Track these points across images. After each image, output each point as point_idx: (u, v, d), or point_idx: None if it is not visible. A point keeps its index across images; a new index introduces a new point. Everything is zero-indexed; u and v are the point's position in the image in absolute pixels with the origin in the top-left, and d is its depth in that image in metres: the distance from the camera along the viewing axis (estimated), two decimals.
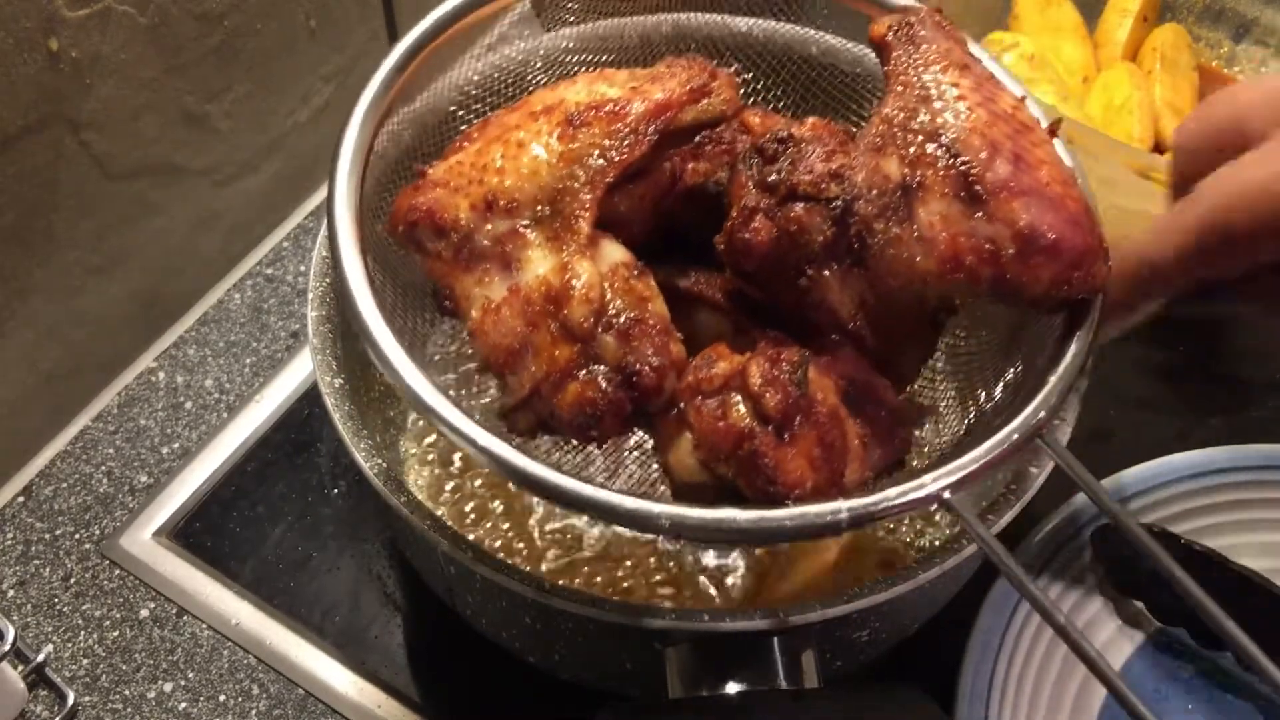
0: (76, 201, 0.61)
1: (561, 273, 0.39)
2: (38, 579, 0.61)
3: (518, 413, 0.41)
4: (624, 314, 0.39)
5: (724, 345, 0.40)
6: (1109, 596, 0.57)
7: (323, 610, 0.60)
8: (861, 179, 0.39)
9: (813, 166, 0.40)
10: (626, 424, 0.40)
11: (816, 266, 0.40)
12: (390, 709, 0.57)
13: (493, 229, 0.41)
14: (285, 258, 0.75)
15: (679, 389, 0.39)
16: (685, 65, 0.44)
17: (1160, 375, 0.72)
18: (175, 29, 0.62)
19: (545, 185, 0.41)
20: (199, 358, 0.70)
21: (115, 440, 0.66)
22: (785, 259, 0.40)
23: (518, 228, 0.41)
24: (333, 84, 0.75)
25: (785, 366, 0.38)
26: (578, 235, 0.40)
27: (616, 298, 0.39)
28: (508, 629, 0.49)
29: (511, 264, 0.40)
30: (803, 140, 0.41)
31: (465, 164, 0.42)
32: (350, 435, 0.46)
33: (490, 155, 0.42)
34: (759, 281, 0.42)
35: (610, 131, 0.41)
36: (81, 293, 0.64)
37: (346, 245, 0.41)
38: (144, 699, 0.57)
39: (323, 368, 0.48)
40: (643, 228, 0.45)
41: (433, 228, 0.42)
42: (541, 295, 0.39)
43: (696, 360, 0.40)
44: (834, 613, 0.41)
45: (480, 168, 0.42)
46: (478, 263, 0.41)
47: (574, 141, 0.41)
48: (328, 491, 0.64)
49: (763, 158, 0.41)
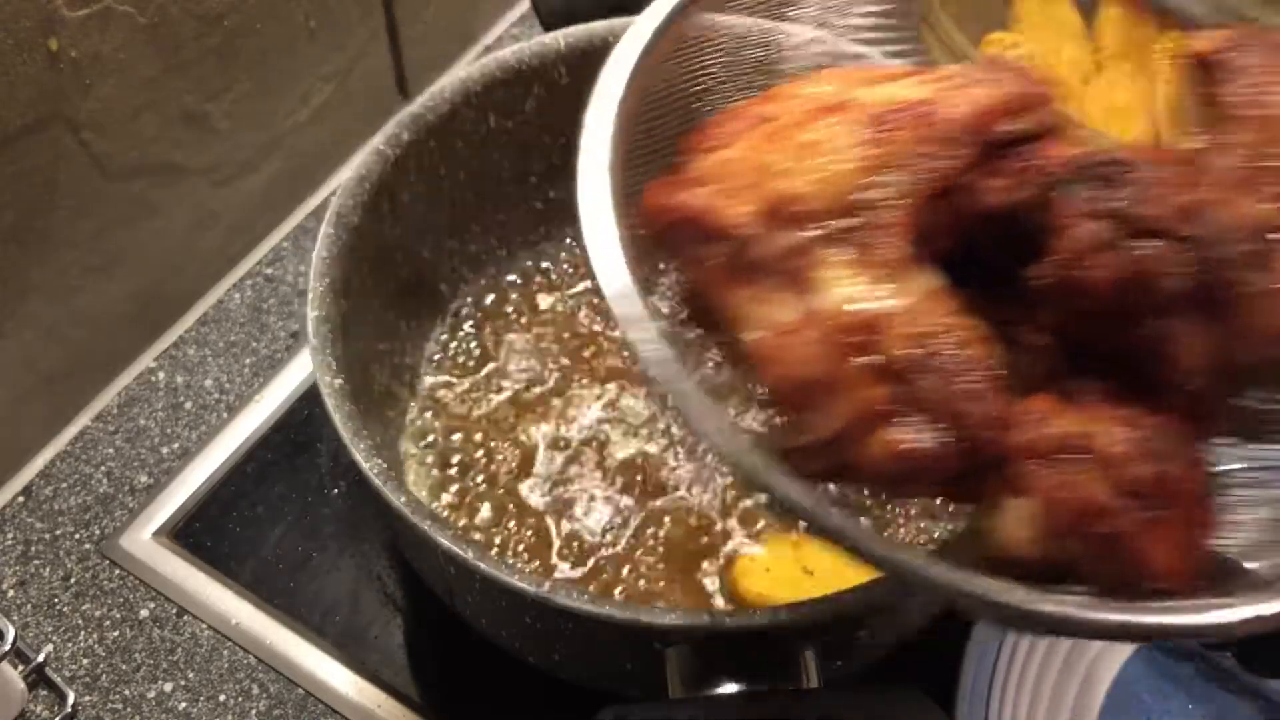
0: (76, 201, 0.61)
1: (871, 299, 0.34)
2: (38, 579, 0.61)
3: (812, 455, 0.35)
4: (946, 352, 0.33)
5: (1050, 397, 0.35)
6: None
7: (323, 610, 0.60)
8: (1223, 218, 0.34)
9: (1164, 198, 0.34)
10: (948, 483, 0.34)
11: (1164, 314, 0.34)
12: (390, 709, 0.57)
13: (778, 240, 0.35)
14: (285, 258, 0.75)
15: (1011, 447, 0.33)
16: (1005, 70, 0.38)
17: None
18: (175, 29, 0.62)
19: (845, 195, 0.35)
20: (199, 358, 0.70)
21: (115, 440, 0.66)
22: (1128, 302, 0.34)
23: (811, 241, 0.35)
24: (332, 84, 0.75)
25: (1150, 432, 0.32)
26: (889, 256, 0.34)
27: (937, 333, 0.34)
28: (508, 629, 0.49)
29: (804, 283, 0.35)
30: (1140, 165, 0.35)
31: (737, 161, 0.37)
32: (350, 435, 0.46)
33: (769, 154, 0.36)
34: (1087, 324, 0.35)
35: (924, 138, 0.36)
36: (81, 292, 0.64)
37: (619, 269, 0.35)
38: (144, 699, 0.57)
39: (322, 368, 0.48)
40: (940, 251, 0.37)
41: (700, 231, 0.36)
42: (849, 324, 0.34)
43: (1023, 413, 0.34)
44: (833, 611, 0.41)
45: (758, 168, 0.36)
46: (757, 276, 0.35)
47: (882, 146, 0.35)
48: (327, 492, 0.64)
49: (1098, 183, 0.35)
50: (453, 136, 0.57)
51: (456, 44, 0.87)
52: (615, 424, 0.60)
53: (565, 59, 0.58)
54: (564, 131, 0.62)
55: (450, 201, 0.60)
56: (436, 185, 0.58)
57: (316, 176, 0.79)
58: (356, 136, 0.80)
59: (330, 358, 0.48)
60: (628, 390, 0.62)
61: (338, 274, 0.51)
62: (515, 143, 0.61)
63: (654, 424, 0.60)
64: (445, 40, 0.85)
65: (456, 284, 0.64)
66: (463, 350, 0.62)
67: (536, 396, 0.61)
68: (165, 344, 0.71)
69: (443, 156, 0.58)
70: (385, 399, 0.58)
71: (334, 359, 0.48)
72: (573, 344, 0.63)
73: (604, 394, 0.61)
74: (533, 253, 0.66)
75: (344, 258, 0.51)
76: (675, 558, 0.56)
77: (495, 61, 0.57)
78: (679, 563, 0.56)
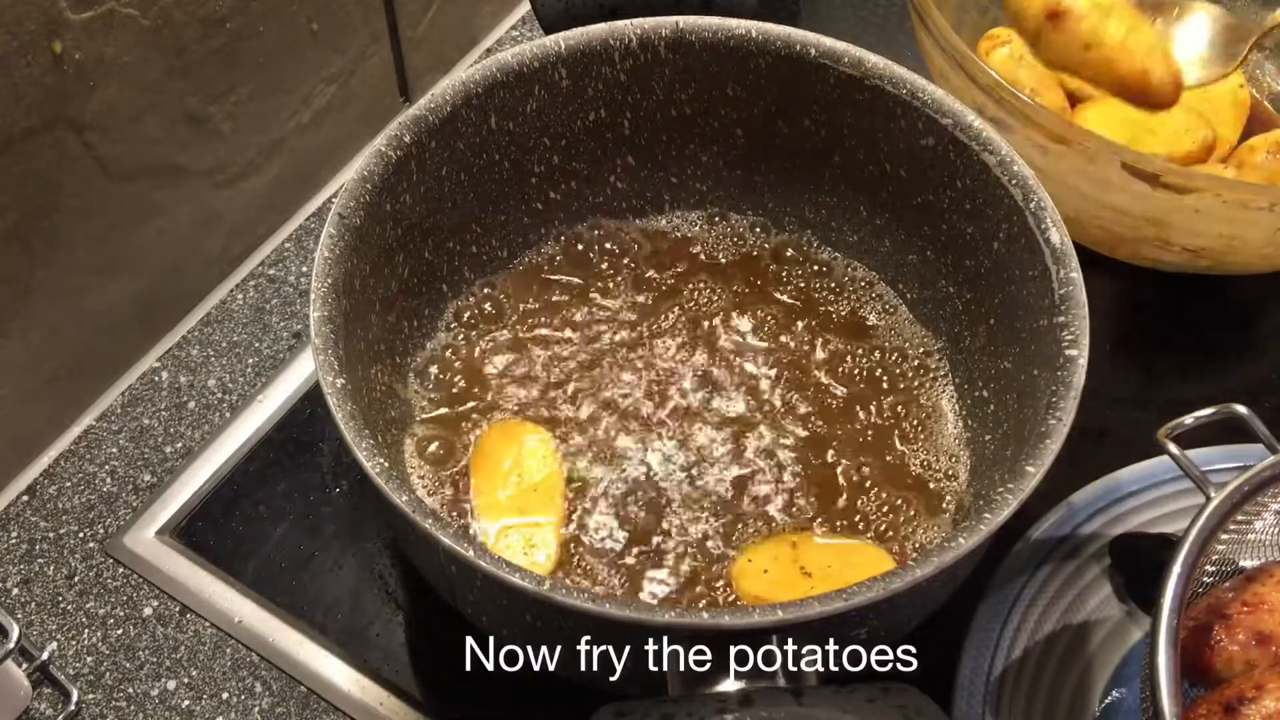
0: (79, 202, 0.61)
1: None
2: (42, 577, 0.61)
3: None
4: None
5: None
6: (1128, 605, 0.57)
7: (325, 608, 0.60)
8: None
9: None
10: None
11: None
12: (392, 706, 0.57)
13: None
14: (288, 258, 0.75)
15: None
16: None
17: (1155, 375, 0.72)
18: (178, 31, 0.62)
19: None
20: (202, 358, 0.70)
21: (119, 440, 0.67)
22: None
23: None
24: (334, 86, 0.75)
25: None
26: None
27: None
28: (508, 627, 0.50)
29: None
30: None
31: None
32: (352, 435, 0.46)
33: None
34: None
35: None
36: (84, 293, 0.65)
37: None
38: (147, 696, 0.58)
39: (325, 368, 0.48)
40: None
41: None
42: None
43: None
44: (833, 611, 0.42)
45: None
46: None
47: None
48: (330, 491, 0.65)
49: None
50: (454, 138, 0.58)
51: (457, 46, 0.87)
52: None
53: (565, 61, 0.59)
54: (564, 133, 0.62)
55: (451, 202, 0.60)
56: (438, 186, 0.59)
57: (319, 178, 0.79)
58: (358, 138, 0.80)
59: (332, 358, 0.48)
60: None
61: (340, 274, 0.51)
62: (516, 144, 0.61)
63: (656, 422, 0.60)
64: (446, 43, 0.85)
65: (458, 284, 0.64)
66: (465, 350, 0.63)
67: (538, 397, 0.61)
68: (168, 344, 0.71)
69: (444, 158, 0.58)
70: (387, 399, 0.58)
71: (336, 359, 0.48)
72: (574, 344, 0.63)
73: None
74: (534, 253, 0.67)
75: (346, 258, 0.52)
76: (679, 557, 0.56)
77: (496, 63, 0.57)
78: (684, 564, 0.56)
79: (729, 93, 0.61)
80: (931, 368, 0.62)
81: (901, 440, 0.60)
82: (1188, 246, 0.65)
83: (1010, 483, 0.45)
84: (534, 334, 0.63)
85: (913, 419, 0.61)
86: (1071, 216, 0.61)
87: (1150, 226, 0.65)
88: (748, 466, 0.59)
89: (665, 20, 0.59)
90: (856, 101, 0.59)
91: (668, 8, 0.60)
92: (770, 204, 0.67)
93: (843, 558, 0.55)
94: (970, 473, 0.58)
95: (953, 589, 0.51)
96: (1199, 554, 0.48)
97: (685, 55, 0.60)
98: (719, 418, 0.60)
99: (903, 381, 0.62)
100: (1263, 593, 0.50)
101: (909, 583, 0.42)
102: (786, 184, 0.66)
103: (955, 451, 0.59)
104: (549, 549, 0.56)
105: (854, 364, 0.62)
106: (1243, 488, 0.50)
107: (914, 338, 0.64)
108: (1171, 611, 0.45)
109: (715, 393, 0.61)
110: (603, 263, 0.66)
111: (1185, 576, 0.46)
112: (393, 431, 0.58)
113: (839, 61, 0.58)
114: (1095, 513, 0.60)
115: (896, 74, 0.57)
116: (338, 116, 0.77)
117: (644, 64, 0.60)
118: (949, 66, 0.67)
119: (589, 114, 0.62)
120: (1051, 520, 0.59)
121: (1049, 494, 0.60)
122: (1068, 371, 0.48)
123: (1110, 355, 0.70)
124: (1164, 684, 0.43)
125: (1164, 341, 0.73)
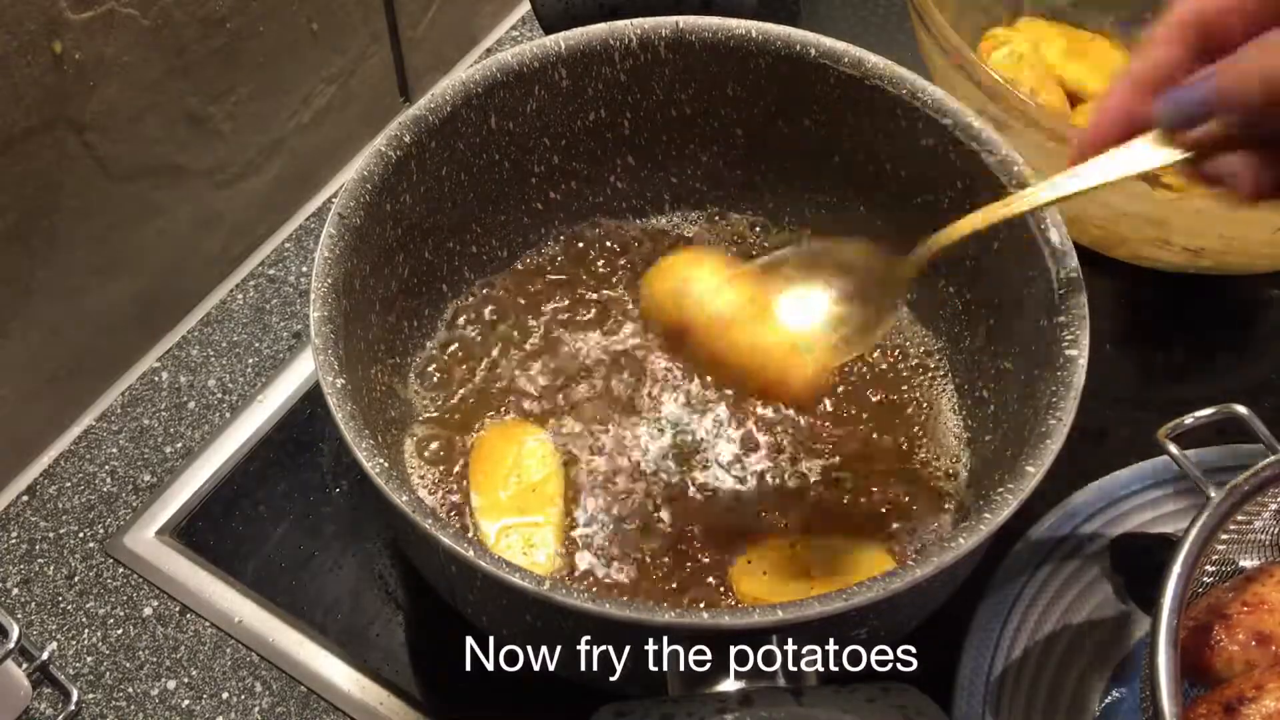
0: (79, 202, 0.61)
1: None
2: (42, 577, 0.61)
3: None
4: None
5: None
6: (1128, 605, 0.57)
7: (325, 608, 0.60)
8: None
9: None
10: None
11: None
12: (392, 706, 0.57)
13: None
14: (288, 258, 0.75)
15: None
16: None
17: (1156, 375, 0.72)
18: (178, 31, 0.62)
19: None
20: (202, 358, 0.70)
21: (119, 440, 0.67)
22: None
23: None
24: (334, 86, 0.75)
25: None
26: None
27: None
28: (508, 626, 0.50)
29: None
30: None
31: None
32: (352, 435, 0.46)
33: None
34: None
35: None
36: (84, 293, 0.65)
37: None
38: (147, 696, 0.58)
39: (325, 368, 0.48)
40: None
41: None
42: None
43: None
44: (833, 611, 0.42)
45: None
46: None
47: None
48: (329, 491, 0.65)
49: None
50: (454, 138, 0.58)
51: (457, 46, 0.87)
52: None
53: (565, 61, 0.59)
54: (564, 133, 0.62)
55: (451, 202, 0.60)
56: (438, 186, 0.59)
57: (318, 178, 0.79)
58: (358, 138, 0.80)
59: (332, 358, 0.48)
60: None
61: (340, 274, 0.51)
62: (516, 144, 0.61)
63: (655, 422, 0.60)
64: (446, 43, 0.85)
65: (458, 284, 0.64)
66: (464, 350, 0.63)
67: (538, 397, 0.61)
68: (168, 344, 0.71)
69: (444, 158, 0.58)
70: (387, 398, 0.58)
71: (336, 359, 0.49)
72: (574, 344, 0.63)
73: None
74: (534, 253, 0.67)
75: (346, 258, 0.52)
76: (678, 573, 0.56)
77: (496, 63, 0.57)
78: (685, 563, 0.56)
79: (729, 93, 0.61)
80: (931, 368, 0.62)
81: (902, 440, 0.60)
82: (1188, 246, 0.65)
83: (1010, 483, 0.45)
84: (534, 334, 0.63)
85: (913, 419, 0.61)
86: (1071, 216, 0.61)
87: (1150, 226, 0.65)
88: (748, 467, 0.59)
89: (665, 20, 0.59)
90: (856, 101, 0.59)
91: (668, 8, 0.60)
92: (770, 204, 0.67)
93: (843, 558, 0.55)
94: (970, 473, 0.58)
95: (953, 589, 0.51)
96: (1199, 554, 0.48)
97: (685, 55, 0.60)
98: (719, 418, 0.60)
99: (903, 382, 0.62)
100: (1263, 593, 0.50)
101: (909, 583, 0.42)
102: (786, 184, 0.66)
103: (955, 451, 0.59)
104: (549, 549, 0.56)
105: (854, 364, 0.62)
106: (1243, 488, 0.50)
107: (914, 338, 0.64)
108: (1171, 611, 0.45)
109: (715, 393, 0.61)
110: (603, 262, 0.66)
111: (1185, 576, 0.46)
112: (393, 431, 0.58)
113: (839, 61, 0.58)
114: (1095, 513, 0.60)
115: (896, 74, 0.57)
116: (338, 116, 0.77)
117: (644, 64, 0.60)
118: (949, 66, 0.67)
119: (589, 114, 0.62)
120: (1051, 520, 0.59)
121: (1049, 494, 0.60)
122: (1068, 371, 0.48)
123: (1110, 355, 0.70)
124: (1164, 684, 0.43)
125: (1164, 341, 0.73)
